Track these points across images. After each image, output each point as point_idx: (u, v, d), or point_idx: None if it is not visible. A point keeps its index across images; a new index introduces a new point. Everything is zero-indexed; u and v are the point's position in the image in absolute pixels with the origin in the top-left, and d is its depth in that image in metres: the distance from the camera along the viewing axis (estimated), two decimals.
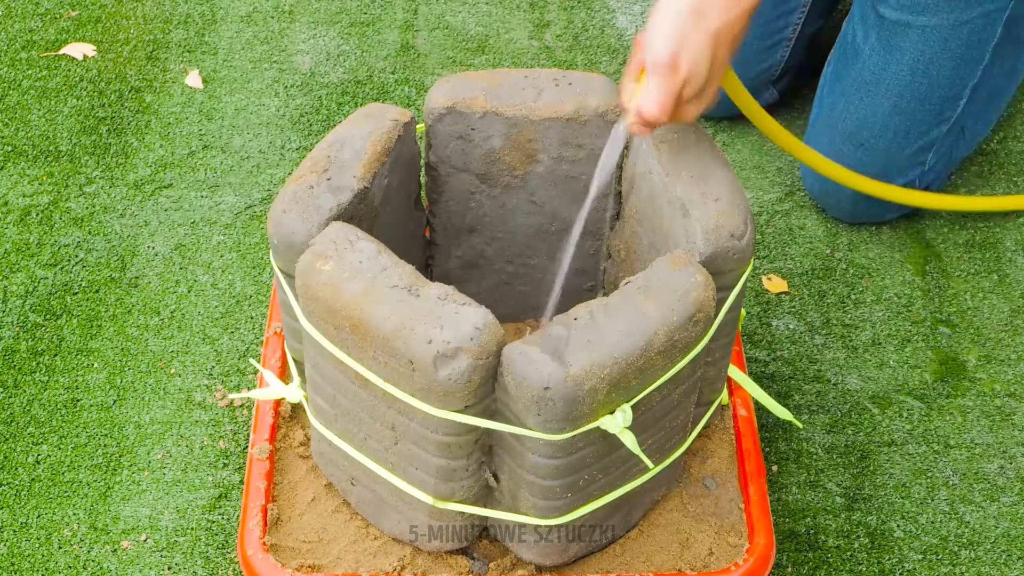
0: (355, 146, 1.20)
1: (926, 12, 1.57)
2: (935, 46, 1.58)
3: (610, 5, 2.08)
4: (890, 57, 1.61)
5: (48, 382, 1.53)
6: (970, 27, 1.57)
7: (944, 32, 1.57)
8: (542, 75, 1.29)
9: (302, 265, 1.12)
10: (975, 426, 1.52)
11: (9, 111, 1.88)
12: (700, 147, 1.21)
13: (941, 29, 1.57)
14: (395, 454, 1.16)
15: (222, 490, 1.43)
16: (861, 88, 1.64)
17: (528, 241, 1.38)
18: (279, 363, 1.38)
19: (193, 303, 1.62)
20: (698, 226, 1.14)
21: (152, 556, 1.37)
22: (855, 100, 1.65)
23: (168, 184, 1.78)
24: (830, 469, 1.48)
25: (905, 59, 1.60)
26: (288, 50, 1.99)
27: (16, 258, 1.67)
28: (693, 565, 1.24)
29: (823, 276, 1.69)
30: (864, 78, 1.64)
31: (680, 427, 1.22)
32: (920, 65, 1.60)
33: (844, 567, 1.39)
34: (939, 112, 1.64)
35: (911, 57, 1.60)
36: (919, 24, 1.58)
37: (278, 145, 1.84)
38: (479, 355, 1.05)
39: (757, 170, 1.83)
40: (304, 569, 1.22)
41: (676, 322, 1.08)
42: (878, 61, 1.62)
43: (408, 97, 1.92)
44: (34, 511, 1.41)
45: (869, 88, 1.63)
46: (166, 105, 1.90)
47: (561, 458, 1.10)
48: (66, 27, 2.02)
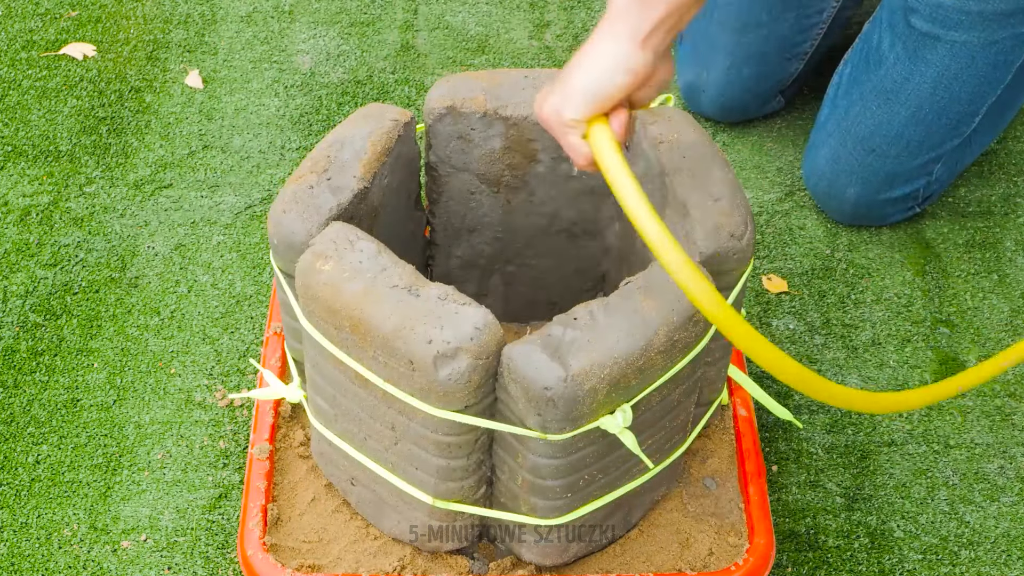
0: (355, 146, 1.20)
1: (958, 28, 1.56)
2: (962, 62, 1.57)
3: None
4: (915, 68, 1.60)
5: (48, 382, 1.53)
6: (998, 47, 1.57)
7: (973, 49, 1.56)
8: (542, 75, 1.29)
9: (302, 265, 1.12)
10: (975, 426, 1.52)
11: (9, 111, 1.88)
12: (700, 147, 1.21)
13: (970, 46, 1.56)
14: (395, 454, 1.16)
15: (222, 490, 1.43)
16: (881, 95, 1.64)
17: (528, 241, 1.38)
18: (279, 363, 1.38)
19: (193, 303, 1.62)
20: (698, 226, 1.14)
21: (152, 556, 1.37)
22: (872, 106, 1.65)
23: (168, 184, 1.78)
24: (830, 469, 1.48)
25: (930, 72, 1.59)
26: (288, 50, 1.99)
27: (16, 258, 1.67)
28: (693, 565, 1.24)
29: (823, 276, 1.69)
30: (885, 85, 1.63)
31: (680, 427, 1.22)
32: (944, 79, 1.59)
33: (844, 567, 1.39)
34: (955, 126, 1.64)
35: (936, 71, 1.59)
36: (949, 39, 1.57)
37: (278, 145, 1.84)
38: (479, 355, 1.05)
39: (757, 170, 1.83)
40: (304, 569, 1.22)
41: (676, 322, 1.08)
42: (902, 70, 1.61)
43: (408, 97, 1.92)
44: (34, 511, 1.41)
45: (889, 96, 1.63)
46: (166, 105, 1.90)
47: (561, 458, 1.10)
48: (66, 27, 2.02)
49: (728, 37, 1.78)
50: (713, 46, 1.80)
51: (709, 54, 1.81)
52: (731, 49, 1.79)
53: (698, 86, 1.84)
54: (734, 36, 1.78)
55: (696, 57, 1.83)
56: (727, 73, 1.80)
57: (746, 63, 1.79)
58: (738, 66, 1.79)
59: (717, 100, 1.83)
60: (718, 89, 1.82)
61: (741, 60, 1.79)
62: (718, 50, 1.80)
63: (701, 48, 1.82)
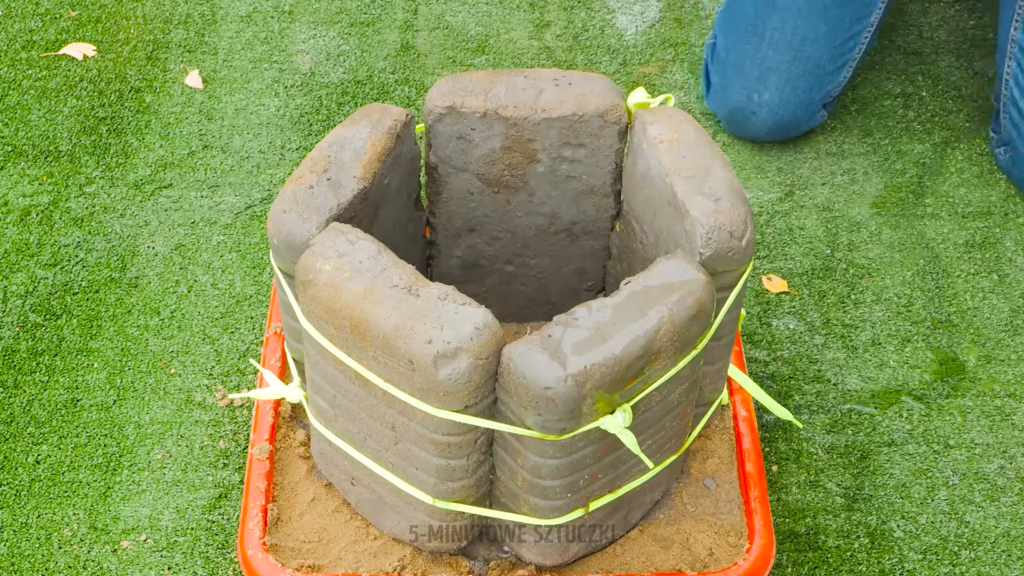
0: (355, 146, 1.20)
1: None
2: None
3: (610, 5, 2.08)
4: None
5: (48, 382, 1.53)
6: None
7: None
8: (542, 75, 1.29)
9: (302, 265, 1.12)
10: (975, 426, 1.52)
11: (9, 111, 1.88)
12: (700, 147, 1.21)
13: None
14: (395, 454, 1.16)
15: (222, 490, 1.43)
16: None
17: (528, 241, 1.38)
18: (279, 363, 1.38)
19: (193, 303, 1.62)
20: (698, 226, 1.14)
21: (152, 556, 1.37)
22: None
23: (168, 184, 1.78)
24: (830, 469, 1.48)
25: None
26: (288, 50, 1.99)
27: (16, 258, 1.67)
28: (693, 565, 1.24)
29: (823, 276, 1.69)
30: None
31: (680, 427, 1.22)
32: None
33: (844, 567, 1.39)
34: None
35: None
36: None
37: (278, 145, 1.84)
38: (479, 355, 1.05)
39: (757, 170, 1.83)
40: (304, 569, 1.22)
41: (676, 322, 1.08)
42: None
43: (408, 97, 1.92)
44: (34, 511, 1.41)
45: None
46: (166, 105, 1.90)
47: (561, 458, 1.10)
48: (66, 27, 2.02)
49: (783, 56, 1.78)
50: (766, 67, 1.79)
51: (762, 76, 1.79)
52: (787, 67, 1.78)
53: (748, 109, 1.81)
54: (789, 53, 1.77)
55: (744, 81, 1.81)
56: (781, 91, 1.79)
57: (802, 77, 1.79)
58: (793, 82, 1.79)
59: (770, 120, 1.81)
60: (772, 108, 1.80)
61: (797, 75, 1.78)
62: (772, 70, 1.78)
63: (751, 71, 1.80)
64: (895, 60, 1.99)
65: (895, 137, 1.88)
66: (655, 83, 1.95)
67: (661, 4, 2.08)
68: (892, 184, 1.82)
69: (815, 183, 1.81)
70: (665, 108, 1.26)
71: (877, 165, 1.84)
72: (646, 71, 1.97)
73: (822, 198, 1.79)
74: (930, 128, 1.88)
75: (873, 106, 1.93)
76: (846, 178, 1.82)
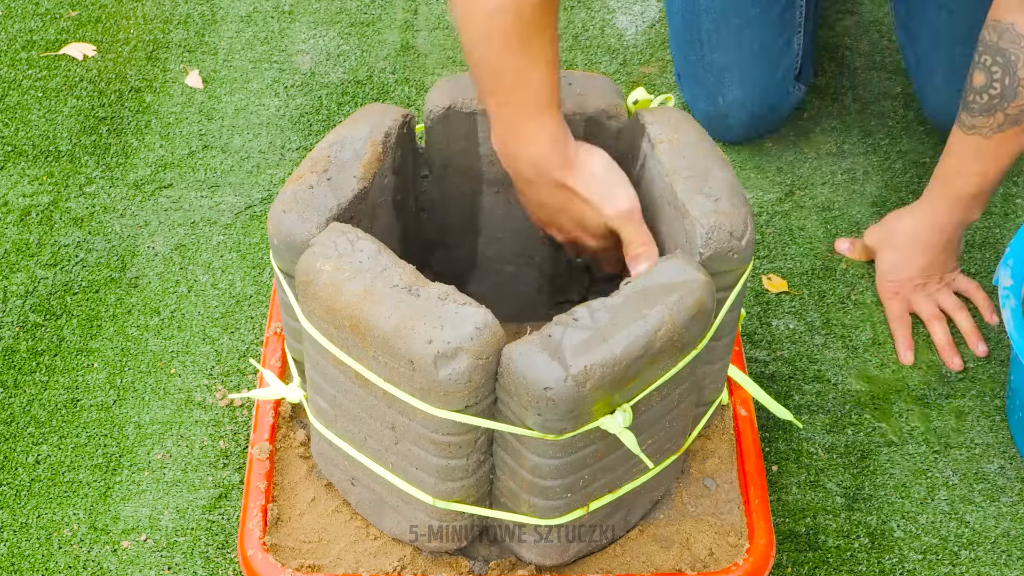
0: (355, 146, 1.20)
1: None
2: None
3: (610, 5, 2.08)
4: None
5: (48, 382, 1.53)
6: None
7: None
8: None
9: (302, 265, 1.12)
10: (975, 426, 1.52)
11: (9, 111, 1.88)
12: (700, 147, 1.21)
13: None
14: (395, 454, 1.16)
15: (222, 490, 1.43)
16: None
17: (528, 241, 1.38)
18: (279, 363, 1.38)
19: (193, 303, 1.62)
20: (698, 226, 1.14)
21: (152, 556, 1.37)
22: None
23: (168, 184, 1.78)
24: (830, 469, 1.48)
25: None
26: (288, 50, 1.99)
27: (16, 258, 1.67)
28: (693, 565, 1.24)
29: (823, 276, 1.69)
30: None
31: (680, 427, 1.22)
32: None
33: (844, 567, 1.39)
34: None
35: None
36: None
37: (278, 145, 1.84)
38: (479, 355, 1.05)
39: (757, 170, 1.83)
40: (304, 569, 1.22)
41: (676, 322, 1.08)
42: None
43: (408, 97, 1.92)
44: (34, 511, 1.41)
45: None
46: (166, 105, 1.90)
47: (561, 458, 1.10)
48: (66, 27, 2.02)
49: (727, 53, 1.76)
50: (717, 69, 1.77)
51: (717, 78, 1.78)
52: (735, 61, 1.76)
53: (718, 113, 1.79)
54: (732, 47, 1.75)
55: (705, 89, 1.80)
56: (741, 86, 1.76)
57: (753, 65, 1.76)
58: (747, 72, 1.76)
59: (743, 116, 1.79)
60: (738, 105, 1.77)
61: (748, 64, 1.76)
62: (724, 69, 1.77)
63: (706, 79, 1.79)
64: (895, 60, 1.99)
65: (895, 137, 1.88)
66: (655, 83, 1.95)
67: (661, 4, 2.08)
68: (892, 184, 1.81)
69: (815, 183, 1.81)
70: (665, 108, 1.26)
71: (877, 165, 1.84)
72: (646, 71, 1.97)
73: (822, 198, 1.79)
74: (930, 128, 1.88)
75: (873, 106, 1.93)
76: (846, 178, 1.82)
